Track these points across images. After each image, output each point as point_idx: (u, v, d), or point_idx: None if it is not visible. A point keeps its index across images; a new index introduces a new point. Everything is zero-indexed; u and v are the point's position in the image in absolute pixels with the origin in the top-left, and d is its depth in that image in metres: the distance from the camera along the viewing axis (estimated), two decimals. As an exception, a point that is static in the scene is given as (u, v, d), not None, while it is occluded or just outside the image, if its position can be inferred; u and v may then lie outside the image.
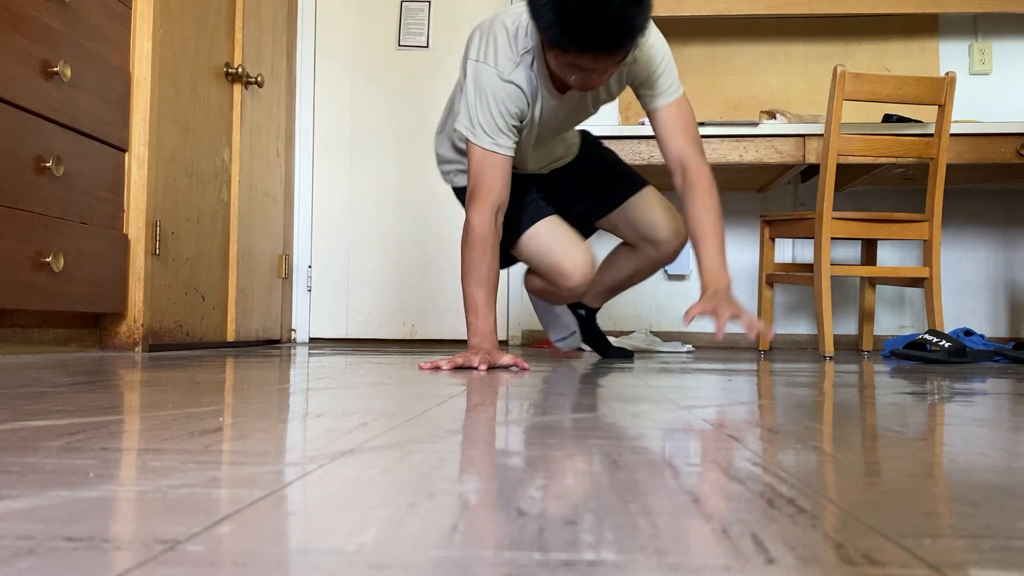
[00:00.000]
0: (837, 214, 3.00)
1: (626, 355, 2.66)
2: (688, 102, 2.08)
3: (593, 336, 2.66)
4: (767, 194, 4.07)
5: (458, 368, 1.84)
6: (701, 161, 2.05)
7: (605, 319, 3.66)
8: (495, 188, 1.96)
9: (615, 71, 1.87)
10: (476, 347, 1.92)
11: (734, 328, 1.88)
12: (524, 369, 1.87)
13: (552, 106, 2.03)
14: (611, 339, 2.92)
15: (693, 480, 0.60)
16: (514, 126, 1.97)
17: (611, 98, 2.14)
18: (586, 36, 1.70)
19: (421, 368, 1.87)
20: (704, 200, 2.01)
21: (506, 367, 1.89)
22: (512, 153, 1.99)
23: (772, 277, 3.38)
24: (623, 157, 2.61)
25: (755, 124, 3.23)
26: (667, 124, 2.05)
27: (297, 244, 4.05)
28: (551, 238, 2.22)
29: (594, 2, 1.65)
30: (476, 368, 1.83)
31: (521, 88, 1.94)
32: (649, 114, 2.08)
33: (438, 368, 1.84)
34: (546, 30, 1.73)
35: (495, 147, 1.95)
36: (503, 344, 3.97)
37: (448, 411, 1.02)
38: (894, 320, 4.06)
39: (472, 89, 1.96)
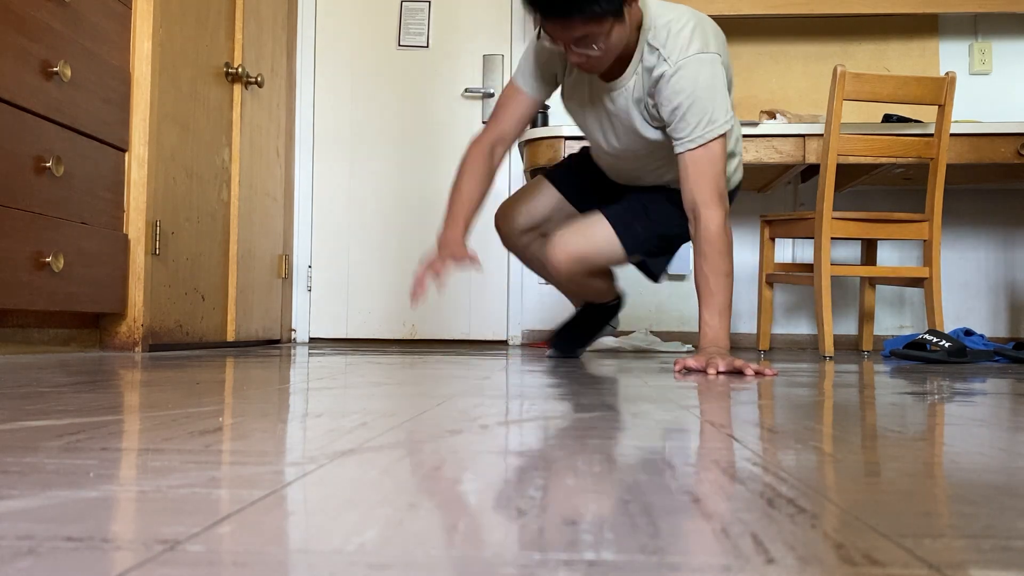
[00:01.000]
0: (837, 214, 3.00)
1: (573, 354, 2.64)
2: (719, 143, 1.98)
3: (573, 329, 2.62)
4: (767, 194, 4.07)
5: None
6: (714, 211, 1.98)
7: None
8: (502, 123, 2.15)
9: (593, 44, 1.88)
10: (441, 249, 2.11)
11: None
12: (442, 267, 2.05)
13: (584, 84, 2.11)
14: (611, 339, 2.92)
15: (693, 480, 0.60)
16: (545, 77, 2.12)
17: (653, 118, 2.06)
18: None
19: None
20: (712, 259, 1.98)
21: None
22: (537, 96, 2.15)
23: (772, 277, 3.38)
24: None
25: (755, 124, 3.23)
26: (685, 171, 2.00)
27: (297, 244, 4.05)
28: (544, 204, 2.41)
29: None
30: (437, 271, 2.03)
31: (548, 49, 2.05)
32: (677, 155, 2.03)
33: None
34: None
35: (522, 84, 2.14)
36: (503, 344, 3.97)
37: (448, 411, 1.02)
38: (894, 320, 4.06)
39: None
